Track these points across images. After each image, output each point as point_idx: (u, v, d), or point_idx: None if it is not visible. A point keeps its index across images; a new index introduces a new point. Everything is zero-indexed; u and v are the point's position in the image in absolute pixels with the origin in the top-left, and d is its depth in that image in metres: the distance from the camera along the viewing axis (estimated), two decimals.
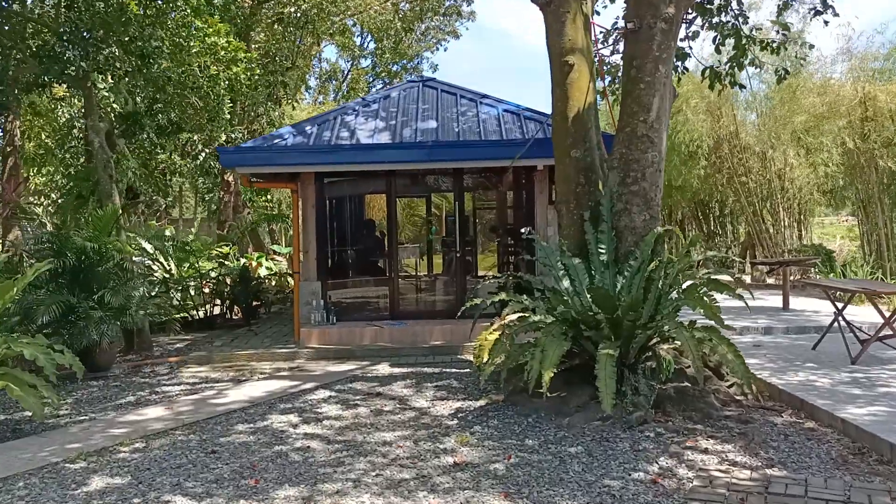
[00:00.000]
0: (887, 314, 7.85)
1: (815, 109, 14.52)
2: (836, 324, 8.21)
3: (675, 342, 6.62)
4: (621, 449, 5.35)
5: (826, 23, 9.00)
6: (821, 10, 8.92)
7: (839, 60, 15.47)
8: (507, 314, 6.77)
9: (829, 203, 17.57)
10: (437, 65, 30.53)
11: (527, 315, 6.77)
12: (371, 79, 30.19)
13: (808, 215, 17.66)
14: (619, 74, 11.06)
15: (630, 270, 6.90)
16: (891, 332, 7.71)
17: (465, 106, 11.09)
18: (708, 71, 10.12)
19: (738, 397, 6.61)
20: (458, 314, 7.96)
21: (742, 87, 10.25)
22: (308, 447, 5.58)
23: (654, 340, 6.63)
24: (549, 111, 8.06)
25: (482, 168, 10.66)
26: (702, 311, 5.99)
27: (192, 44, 12.05)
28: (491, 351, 6.49)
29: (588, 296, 6.62)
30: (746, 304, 6.27)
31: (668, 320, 6.25)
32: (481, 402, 6.77)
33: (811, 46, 9.72)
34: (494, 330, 6.72)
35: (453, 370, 8.33)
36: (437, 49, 29.38)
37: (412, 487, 4.69)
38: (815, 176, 15.73)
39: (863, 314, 10.27)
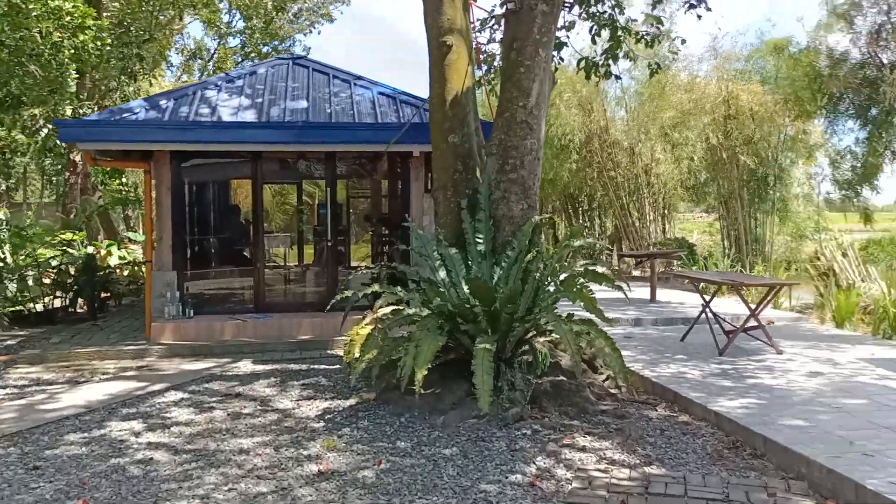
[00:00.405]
0: (752, 306, 8.06)
1: (682, 106, 15.02)
2: (703, 315, 8.35)
3: (552, 335, 6.43)
4: (498, 449, 5.05)
5: (699, 17, 9.17)
6: (695, 3, 9.06)
7: (706, 59, 16.15)
8: (380, 307, 6.33)
9: (692, 198, 18.34)
10: (309, 48, 29.54)
11: (401, 308, 6.37)
12: (240, 59, 28.75)
13: (672, 210, 18.35)
14: (496, 63, 10.90)
15: (508, 261, 6.65)
16: (755, 324, 7.90)
17: (339, 87, 10.52)
18: (584, 61, 10.08)
19: (612, 391, 6.50)
20: (328, 307, 7.43)
21: (618, 77, 10.29)
22: (151, 459, 4.91)
23: (531, 333, 6.41)
24: (426, 97, 7.68)
25: (356, 153, 10.14)
26: (581, 303, 5.80)
27: (31, 6, 10.79)
28: (362, 346, 6.02)
29: (465, 287, 6.30)
30: (626, 295, 6.15)
31: (546, 313, 6.02)
32: (351, 402, 6.29)
33: (683, 41, 9.89)
34: (367, 324, 6.26)
35: (322, 366, 7.80)
36: (311, 32, 28.44)
37: (269, 502, 4.17)
38: (679, 172, 16.31)
39: (724, 305, 10.62)
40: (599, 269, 6.38)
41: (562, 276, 6.40)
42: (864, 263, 12.55)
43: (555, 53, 10.06)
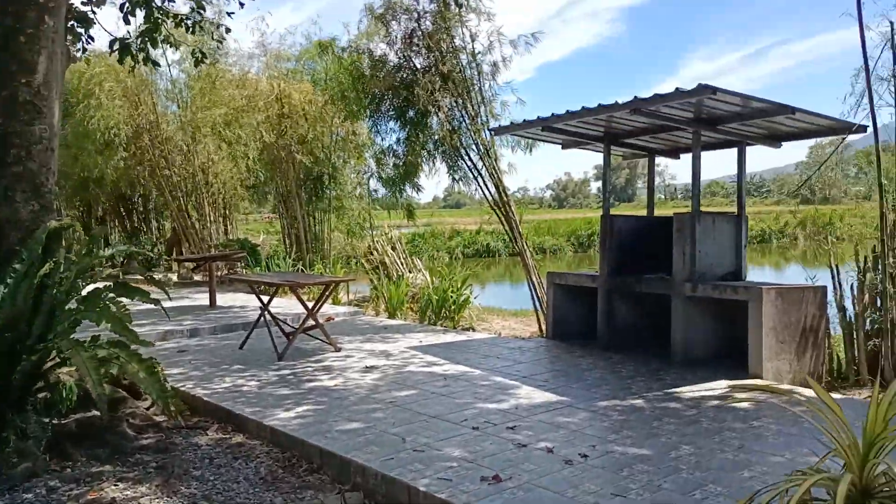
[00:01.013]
0: (311, 305, 7.87)
1: (234, 102, 14.47)
2: (262, 319, 7.93)
3: None
4: None
5: (242, 4, 8.67)
6: None
7: (256, 56, 15.83)
8: None
9: (253, 198, 18.00)
10: None
11: None
12: None
13: (234, 210, 17.80)
14: None
15: (15, 276, 5.26)
16: (314, 323, 7.73)
17: None
18: (117, 43, 8.84)
19: (158, 418, 5.63)
20: None
21: (156, 64, 9.26)
22: None
23: (52, 363, 5.18)
24: None
25: None
26: (107, 323, 4.80)
27: None
28: None
29: None
30: (165, 311, 5.32)
31: (63, 338, 4.88)
32: None
33: (228, 30, 9.29)
34: None
35: None
36: None
37: None
38: (238, 171, 15.80)
39: (287, 306, 10.41)
40: (135, 278, 5.43)
41: (86, 291, 5.30)
42: (411, 255, 13.59)
43: (81, 31, 8.67)
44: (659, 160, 8.88)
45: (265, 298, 8.10)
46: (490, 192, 9.98)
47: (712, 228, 7.03)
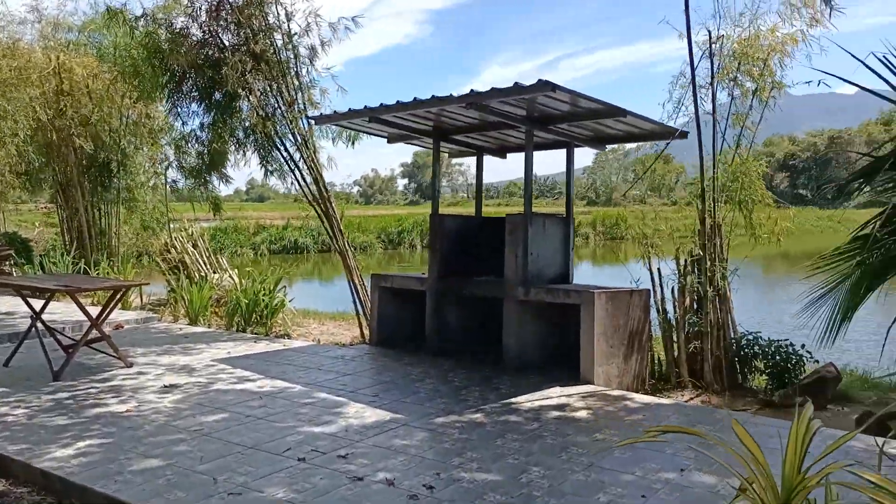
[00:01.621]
0: (97, 311, 6.73)
1: (1, 74, 12.37)
2: (34, 329, 6.65)
3: None
4: None
5: None
6: None
7: (30, 22, 13.74)
8: None
9: (26, 186, 15.66)
10: None
11: None
12: None
13: (2, 200, 15.41)
14: None
15: None
16: (99, 334, 6.59)
17: None
18: None
19: None
20: None
21: None
22: None
23: None
24: None
25: None
26: None
27: None
28: None
29: None
30: None
31: None
32: None
33: None
34: None
35: None
36: None
37: None
38: (7, 154, 13.61)
39: (68, 312, 9.02)
40: None
41: None
42: (216, 253, 12.41)
43: None
44: (464, 160, 8.61)
45: (38, 304, 6.82)
46: (308, 187, 9.22)
47: (543, 230, 6.85)
